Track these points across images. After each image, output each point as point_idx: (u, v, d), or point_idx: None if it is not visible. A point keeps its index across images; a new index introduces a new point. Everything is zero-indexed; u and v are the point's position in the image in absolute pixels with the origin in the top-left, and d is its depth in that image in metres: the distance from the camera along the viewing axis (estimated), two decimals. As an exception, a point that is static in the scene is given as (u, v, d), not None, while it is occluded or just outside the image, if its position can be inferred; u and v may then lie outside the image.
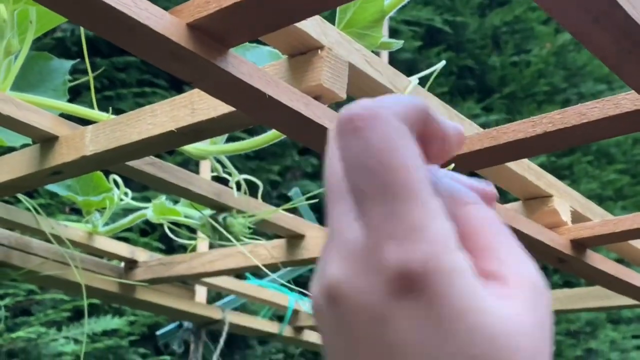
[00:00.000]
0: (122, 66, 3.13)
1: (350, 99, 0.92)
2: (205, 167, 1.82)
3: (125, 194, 1.49)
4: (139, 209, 1.50)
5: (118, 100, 3.11)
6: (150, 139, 0.98)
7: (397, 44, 0.99)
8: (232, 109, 0.92)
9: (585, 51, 6.17)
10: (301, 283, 2.08)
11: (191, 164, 3.01)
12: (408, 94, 0.93)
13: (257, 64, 0.82)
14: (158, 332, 2.00)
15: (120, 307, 2.95)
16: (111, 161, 1.08)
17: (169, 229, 1.52)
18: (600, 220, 1.18)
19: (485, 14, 5.27)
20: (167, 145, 1.03)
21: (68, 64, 1.28)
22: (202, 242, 1.80)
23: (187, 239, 1.71)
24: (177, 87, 3.24)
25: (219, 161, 1.21)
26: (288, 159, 4.02)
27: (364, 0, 0.95)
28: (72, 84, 1.25)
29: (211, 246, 1.85)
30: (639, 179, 6.56)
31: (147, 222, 1.87)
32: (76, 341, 2.88)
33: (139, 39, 0.71)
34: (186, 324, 1.94)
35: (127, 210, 1.63)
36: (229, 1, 0.70)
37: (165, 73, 3.11)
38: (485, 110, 5.05)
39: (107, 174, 1.48)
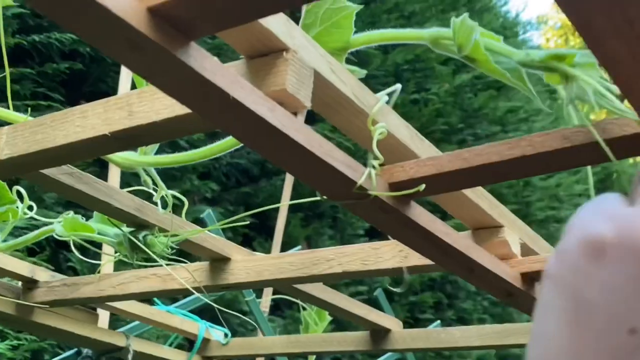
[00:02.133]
0: (17, 77, 2.95)
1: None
2: (115, 178, 1.69)
3: (30, 207, 1.35)
4: (41, 224, 1.36)
5: (10, 111, 2.92)
6: (79, 143, 0.87)
7: (360, 73, 0.92)
8: (176, 113, 0.82)
9: (481, 93, 6.34)
10: (209, 310, 1.97)
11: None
12: (376, 111, 0.85)
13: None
14: (54, 360, 1.83)
15: (2, 330, 2.74)
16: (30, 167, 0.95)
17: (76, 247, 1.38)
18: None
19: (388, 50, 5.31)
20: (98, 151, 0.91)
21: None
22: (107, 265, 1.67)
23: (94, 257, 1.57)
24: (74, 101, 3.08)
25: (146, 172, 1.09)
26: (187, 182, 3.89)
27: (331, 25, 0.87)
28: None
29: (116, 268, 1.71)
30: (529, 219, 6.74)
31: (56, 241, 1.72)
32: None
33: (92, 21, 0.60)
34: (85, 350, 1.78)
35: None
36: (197, -16, 0.60)
37: (61, 86, 2.95)
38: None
39: (10, 184, 1.34)
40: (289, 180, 2.38)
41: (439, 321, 2.64)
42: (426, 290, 5.49)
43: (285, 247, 4.14)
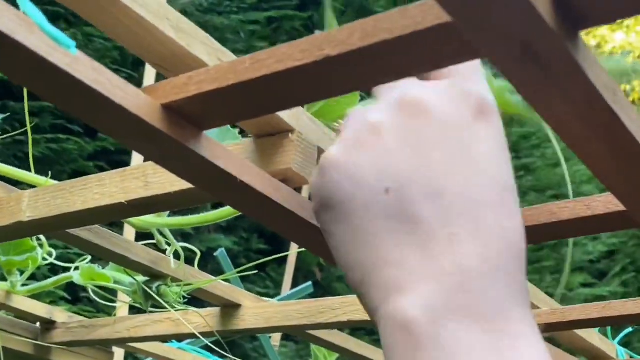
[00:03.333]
0: (37, 110, 3.02)
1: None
2: (130, 230, 1.75)
3: (49, 254, 1.41)
4: (64, 269, 1.42)
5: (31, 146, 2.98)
6: (97, 209, 0.92)
7: None
8: (190, 185, 0.87)
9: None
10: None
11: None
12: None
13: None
14: (70, 396, 1.88)
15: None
16: (50, 229, 1.01)
17: (93, 292, 1.44)
18: (549, 309, 1.17)
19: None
20: (114, 216, 0.96)
21: (-2, 116, 1.22)
22: (122, 308, 1.72)
23: (108, 301, 1.63)
24: (92, 133, 3.14)
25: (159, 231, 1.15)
26: (202, 210, 3.95)
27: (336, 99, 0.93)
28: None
29: (131, 311, 1.77)
30: (541, 244, 6.77)
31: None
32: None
33: (110, 118, 0.66)
34: (101, 387, 1.83)
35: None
36: (210, 86, 0.65)
37: (79, 119, 3.01)
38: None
39: (30, 230, 1.39)
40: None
41: None
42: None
43: (298, 272, 4.19)
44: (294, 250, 2.63)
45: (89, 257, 1.42)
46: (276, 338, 2.35)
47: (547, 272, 6.73)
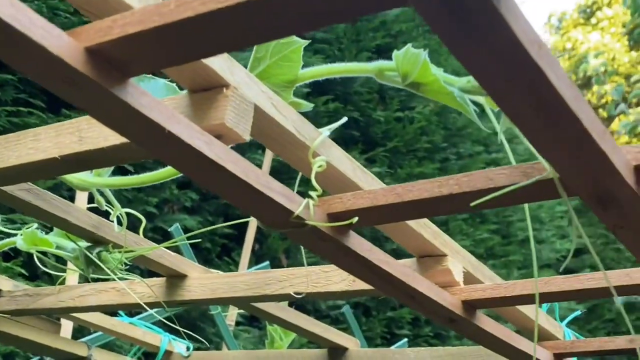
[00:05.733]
0: (-5, 82, 2.98)
1: (253, 141, 0.87)
2: (82, 196, 1.72)
3: (-6, 218, 1.38)
4: (7, 235, 1.39)
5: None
6: (31, 164, 0.90)
7: (307, 106, 0.96)
8: (124, 140, 0.85)
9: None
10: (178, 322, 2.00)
11: (63, 188, 2.87)
12: (317, 145, 0.89)
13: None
14: (16, 367, 1.86)
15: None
16: (-17, 185, 0.99)
17: (38, 258, 1.41)
18: (493, 283, 1.17)
19: (374, 68, 5.35)
20: (49, 172, 0.95)
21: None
22: (72, 275, 1.69)
23: (56, 269, 1.60)
24: (55, 109, 3.10)
25: (101, 192, 1.13)
26: (167, 191, 3.91)
27: (280, 58, 0.92)
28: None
29: (81, 279, 1.74)
30: (509, 239, 6.81)
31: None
32: None
33: (31, 59, 0.64)
34: (47, 359, 1.81)
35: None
36: (134, 28, 0.64)
37: (42, 94, 2.97)
38: (369, 161, 5.11)
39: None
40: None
41: (405, 339, 2.67)
42: (404, 306, 5.53)
43: (262, 259, 4.17)
44: (251, 230, 2.61)
45: (35, 225, 1.39)
46: (231, 318, 2.34)
47: (514, 266, 6.76)
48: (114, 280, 1.40)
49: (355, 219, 0.89)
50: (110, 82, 0.68)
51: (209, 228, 1.30)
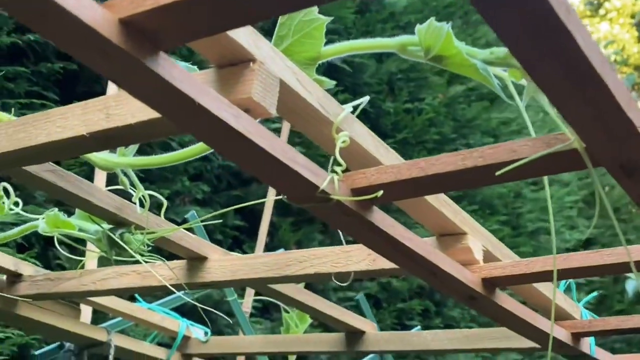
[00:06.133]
0: (12, 76, 2.99)
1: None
2: (100, 178, 1.74)
3: (16, 203, 1.40)
4: (28, 220, 1.40)
5: (3, 110, 2.95)
6: (59, 142, 0.92)
7: (329, 83, 0.97)
8: (151, 116, 0.87)
9: (474, 104, 6.41)
10: (193, 310, 2.01)
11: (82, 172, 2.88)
12: (340, 120, 0.90)
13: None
14: (36, 352, 1.87)
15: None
16: (12, 164, 1.00)
17: (60, 243, 1.43)
18: (512, 260, 1.18)
19: (382, 59, 5.36)
20: (77, 150, 0.96)
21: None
22: (90, 261, 1.71)
23: (76, 253, 1.62)
24: (68, 101, 3.12)
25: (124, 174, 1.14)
26: (178, 183, 3.93)
27: (303, 35, 0.93)
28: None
29: (99, 264, 1.76)
30: (519, 231, 6.80)
31: (25, 237, 1.76)
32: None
33: (65, 30, 0.65)
34: (67, 344, 1.83)
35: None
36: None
37: (55, 86, 2.98)
38: (378, 152, 5.10)
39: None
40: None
41: (419, 326, 2.68)
42: (415, 297, 5.53)
43: (274, 250, 4.19)
44: (265, 222, 2.62)
45: (55, 210, 1.41)
46: (247, 306, 2.35)
47: (524, 257, 6.76)
48: (134, 263, 1.42)
49: (380, 192, 0.90)
50: (143, 54, 0.69)
51: (228, 209, 1.31)
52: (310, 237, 4.84)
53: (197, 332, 1.96)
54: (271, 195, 2.33)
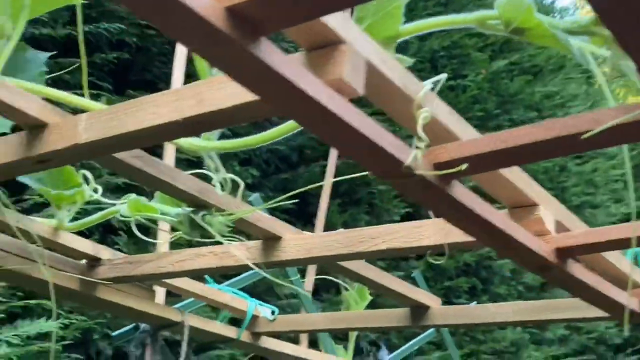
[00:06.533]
0: (67, 67, 3.06)
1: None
2: (169, 159, 1.79)
3: (95, 190, 1.45)
4: (106, 206, 1.46)
5: (58, 101, 3.03)
6: (152, 128, 0.96)
7: (408, 61, 1.00)
8: (242, 100, 0.91)
9: (517, 79, 6.39)
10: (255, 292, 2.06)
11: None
12: (421, 97, 0.93)
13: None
14: (114, 334, 1.94)
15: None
16: (106, 150, 1.05)
17: (138, 227, 1.48)
18: (585, 229, 1.20)
19: (425, 38, 5.36)
20: (167, 136, 1.01)
21: (44, 55, 1.27)
22: (164, 244, 1.77)
23: (154, 237, 1.67)
24: (121, 91, 3.19)
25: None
26: (229, 169, 3.98)
27: (382, 15, 0.96)
28: (48, 76, 1.23)
29: (172, 247, 1.81)
30: (565, 205, 6.77)
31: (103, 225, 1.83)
32: (9, 344, 2.78)
33: (176, 19, 0.69)
34: (143, 325, 1.89)
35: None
36: (270, -13, 0.69)
37: (109, 76, 3.03)
38: (425, 131, 5.12)
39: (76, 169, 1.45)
40: (332, 164, 2.47)
41: (475, 302, 2.71)
42: (461, 275, 5.56)
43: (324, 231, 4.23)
44: (324, 202, 2.66)
45: (133, 195, 1.46)
46: (308, 285, 2.40)
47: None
48: (210, 245, 1.47)
49: (464, 166, 0.93)
50: (247, 40, 0.73)
51: (301, 190, 1.35)
52: (357, 218, 4.88)
53: (265, 311, 2.02)
54: (329, 177, 2.37)
